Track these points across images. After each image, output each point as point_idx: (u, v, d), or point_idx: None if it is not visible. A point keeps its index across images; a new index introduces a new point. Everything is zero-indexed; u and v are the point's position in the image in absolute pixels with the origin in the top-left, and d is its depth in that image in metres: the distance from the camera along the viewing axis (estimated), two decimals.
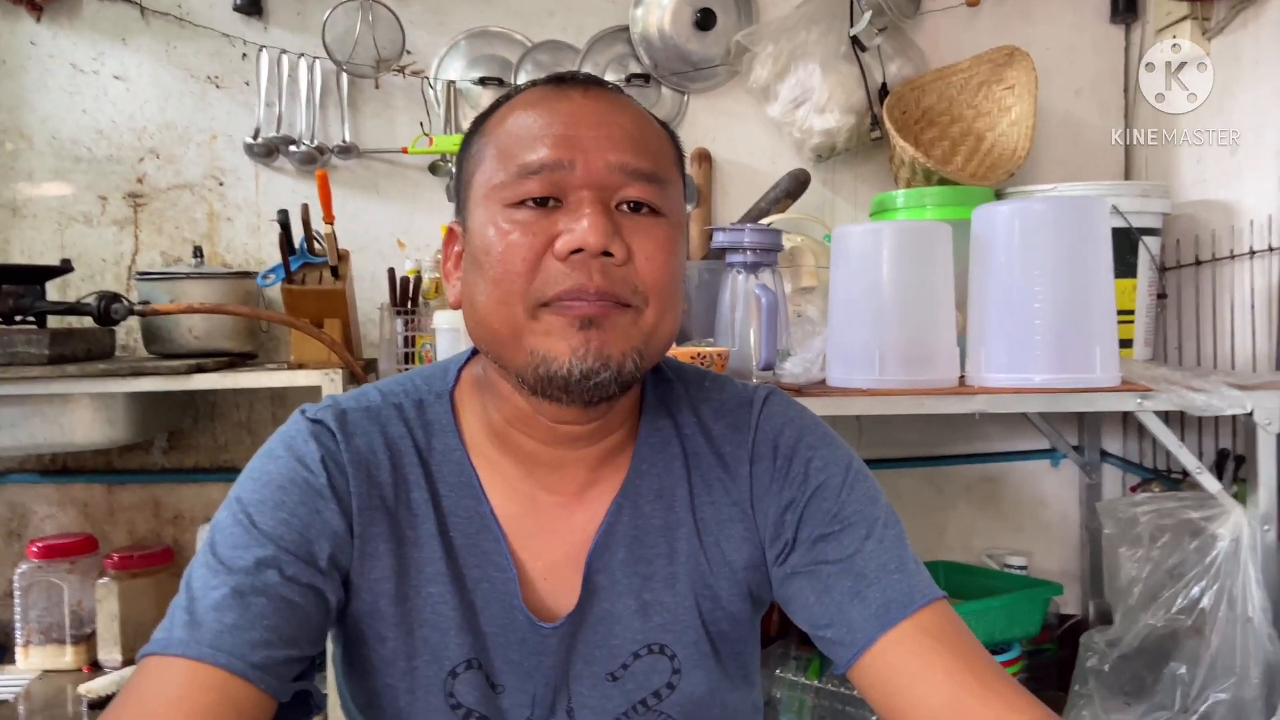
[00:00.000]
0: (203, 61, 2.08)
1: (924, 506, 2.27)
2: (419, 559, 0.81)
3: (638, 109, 0.82)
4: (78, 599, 1.90)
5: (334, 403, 0.85)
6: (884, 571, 0.80)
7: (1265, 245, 1.73)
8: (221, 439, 2.11)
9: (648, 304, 0.76)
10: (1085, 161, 2.22)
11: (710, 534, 0.85)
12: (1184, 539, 1.65)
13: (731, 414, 0.88)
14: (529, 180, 0.75)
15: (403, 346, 1.81)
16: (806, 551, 0.82)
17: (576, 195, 0.75)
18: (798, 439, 0.86)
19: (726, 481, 0.86)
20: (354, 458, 0.81)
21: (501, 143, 0.78)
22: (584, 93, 0.78)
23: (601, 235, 0.73)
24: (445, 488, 0.83)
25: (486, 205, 0.77)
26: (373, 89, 2.11)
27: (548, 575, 0.84)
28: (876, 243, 1.62)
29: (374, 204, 2.13)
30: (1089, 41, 2.21)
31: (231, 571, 0.73)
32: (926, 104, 2.12)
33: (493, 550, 0.82)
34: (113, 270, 2.08)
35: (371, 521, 0.80)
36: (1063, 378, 1.55)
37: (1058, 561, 2.28)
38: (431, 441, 0.84)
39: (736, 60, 2.14)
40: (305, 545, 0.76)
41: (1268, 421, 1.56)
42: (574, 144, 0.75)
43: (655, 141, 0.80)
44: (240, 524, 0.76)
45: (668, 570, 0.84)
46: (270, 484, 0.78)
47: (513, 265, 0.74)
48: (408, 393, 0.86)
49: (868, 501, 0.84)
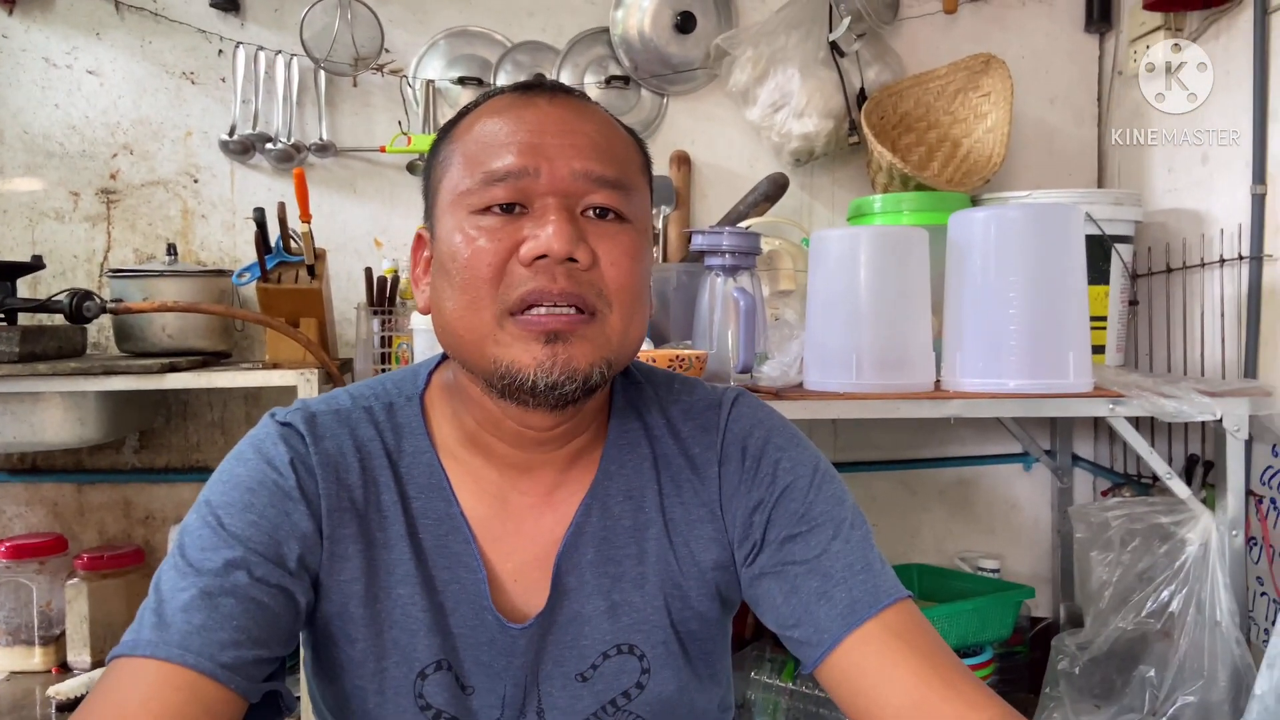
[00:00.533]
0: (178, 57, 2.06)
1: (898, 509, 2.28)
2: (388, 561, 0.82)
3: (604, 116, 0.82)
4: (47, 599, 1.88)
5: (303, 406, 0.85)
6: (850, 572, 0.80)
7: (1235, 254, 1.75)
8: (194, 439, 2.09)
9: (613, 309, 0.77)
10: (1060, 168, 2.24)
11: (679, 534, 0.86)
12: (1154, 543, 1.68)
13: (700, 415, 0.89)
14: (495, 187, 0.76)
15: (379, 346, 1.80)
16: (774, 552, 0.83)
17: (542, 202, 0.76)
18: (766, 440, 0.87)
19: (695, 483, 0.87)
20: (323, 460, 0.81)
21: (468, 150, 0.78)
22: (550, 100, 0.79)
23: (566, 241, 0.74)
24: (415, 490, 0.83)
25: (453, 212, 0.78)
26: (350, 87, 2.10)
27: (517, 576, 0.84)
28: (853, 247, 1.63)
29: (351, 203, 2.12)
30: (1064, 50, 2.24)
31: (200, 573, 0.73)
32: (904, 110, 2.13)
33: (462, 551, 0.83)
34: (84, 267, 2.06)
35: (341, 523, 0.80)
36: (1036, 383, 1.56)
37: (1030, 565, 2.30)
38: (401, 444, 0.85)
39: (716, 64, 2.15)
40: (274, 547, 0.77)
41: (1236, 428, 1.58)
42: (539, 151, 0.76)
43: (621, 148, 0.81)
44: (209, 526, 0.76)
45: (637, 571, 0.85)
46: (239, 486, 0.79)
47: (479, 271, 0.75)
48: (378, 396, 0.87)
49: (835, 502, 0.85)
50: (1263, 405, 1.61)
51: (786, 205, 2.10)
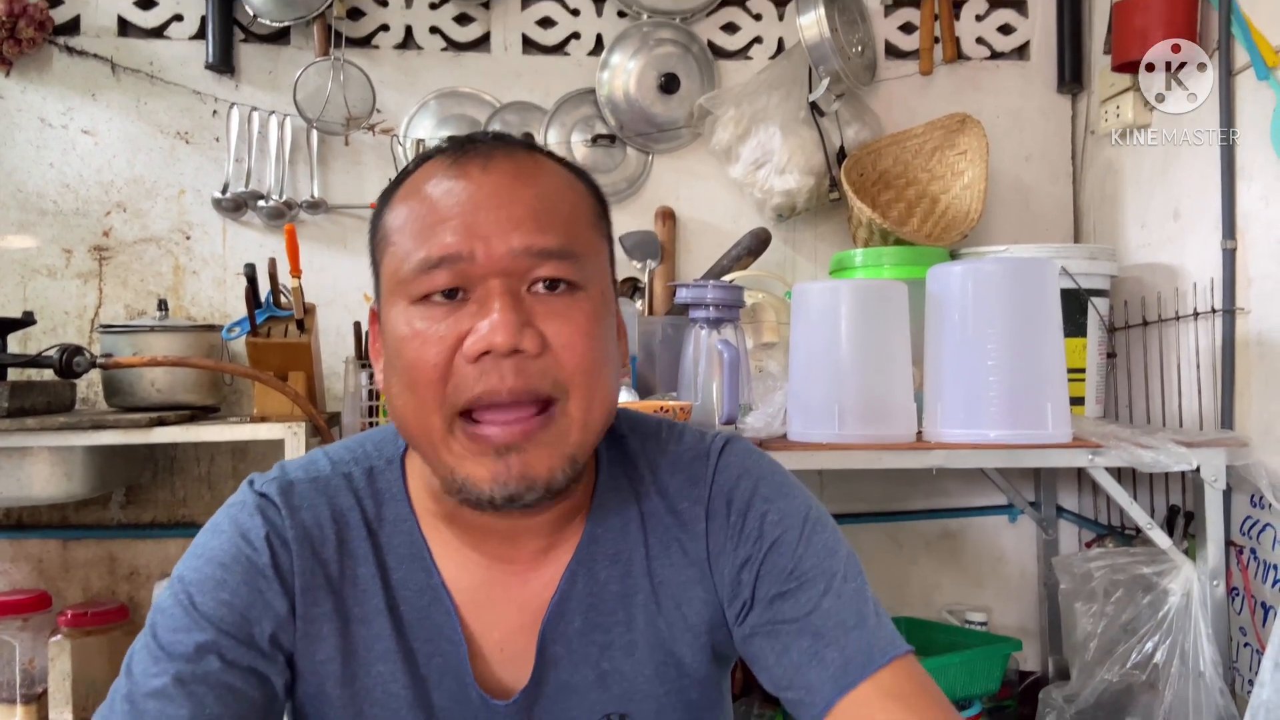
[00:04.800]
0: (173, 117, 2.10)
1: (885, 562, 2.28)
2: (367, 636, 0.80)
3: (546, 173, 0.77)
4: (29, 657, 1.86)
5: (282, 473, 0.83)
6: (842, 629, 0.77)
7: (1208, 307, 1.79)
8: (180, 493, 2.09)
9: (570, 395, 0.73)
10: (1036, 224, 2.29)
11: (669, 597, 0.83)
12: (1137, 594, 1.68)
13: (688, 467, 0.86)
14: (432, 274, 0.71)
15: (367, 400, 1.81)
16: (764, 610, 0.80)
17: (483, 286, 0.71)
18: (753, 492, 0.84)
19: (684, 540, 0.84)
20: (299, 534, 0.79)
21: (403, 228, 0.74)
22: (484, 167, 0.74)
23: (509, 333, 0.69)
24: (394, 560, 0.81)
25: (394, 300, 0.74)
26: (342, 146, 2.14)
27: (502, 647, 0.82)
28: (835, 300, 1.66)
29: (341, 258, 2.15)
30: (1037, 110, 2.30)
31: (171, 657, 0.72)
32: (883, 167, 2.18)
33: (444, 623, 0.80)
34: (75, 323, 2.07)
35: (315, 601, 0.78)
36: (1016, 434, 1.58)
37: (1017, 617, 2.30)
38: (381, 510, 0.82)
39: (699, 122, 2.20)
40: (246, 627, 0.75)
41: (1214, 478, 1.60)
42: (473, 230, 0.71)
43: (566, 209, 0.75)
44: (181, 605, 0.75)
45: (626, 638, 0.82)
46: (213, 561, 0.77)
47: (424, 372, 0.71)
48: (358, 460, 0.84)
49: (826, 554, 0.82)
50: (1239, 456, 1.63)
51: (770, 259, 2.14)
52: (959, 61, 2.27)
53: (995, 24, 2.28)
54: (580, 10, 2.20)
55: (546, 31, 2.21)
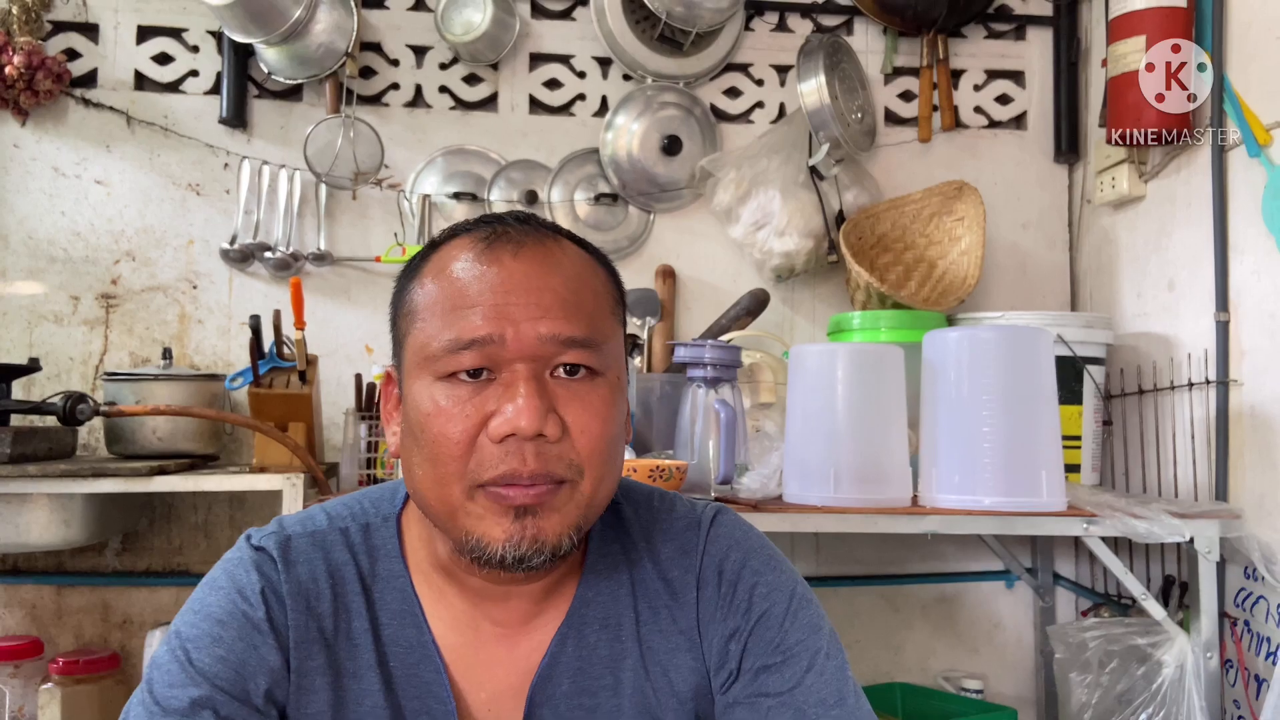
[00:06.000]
0: (185, 169, 2.14)
1: (881, 626, 2.27)
2: (357, 692, 0.81)
3: (572, 261, 0.79)
4: (20, 704, 1.85)
5: (279, 528, 0.84)
6: (824, 706, 0.80)
7: (1202, 378, 1.80)
8: (176, 541, 2.09)
9: (584, 476, 0.76)
10: (1033, 291, 2.31)
11: (657, 664, 0.84)
12: (1131, 665, 1.68)
13: (679, 536, 0.88)
14: (461, 355, 0.74)
15: (366, 452, 1.83)
16: (749, 683, 0.82)
17: (510, 369, 0.74)
18: (743, 564, 0.86)
19: (674, 608, 0.85)
20: (294, 589, 0.80)
21: (432, 306, 0.77)
22: (515, 254, 0.77)
23: (534, 418, 0.72)
24: (387, 616, 0.83)
25: (419, 374, 0.77)
26: (350, 200, 2.18)
27: (490, 707, 0.83)
28: (832, 363, 1.67)
29: (345, 310, 2.17)
30: (1034, 178, 2.33)
31: (167, 713, 0.73)
32: (881, 231, 2.21)
33: (433, 681, 0.82)
34: (80, 369, 2.09)
35: (309, 655, 0.80)
36: (1011, 501, 1.58)
37: (1013, 685, 2.28)
38: (376, 567, 0.84)
39: (701, 184, 2.24)
40: (240, 683, 0.76)
41: (1208, 550, 1.60)
42: (504, 315, 0.74)
43: (590, 299, 0.79)
44: (178, 661, 0.76)
45: (612, 703, 0.84)
46: (209, 617, 0.78)
47: (448, 449, 0.74)
48: (354, 516, 0.86)
49: (810, 630, 0.84)
50: (1233, 528, 1.63)
51: (768, 319, 2.16)
52: (957, 129, 2.31)
53: (993, 94, 2.33)
54: (586, 73, 2.26)
55: (553, 93, 2.25)
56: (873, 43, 2.32)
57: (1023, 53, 2.34)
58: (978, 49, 2.33)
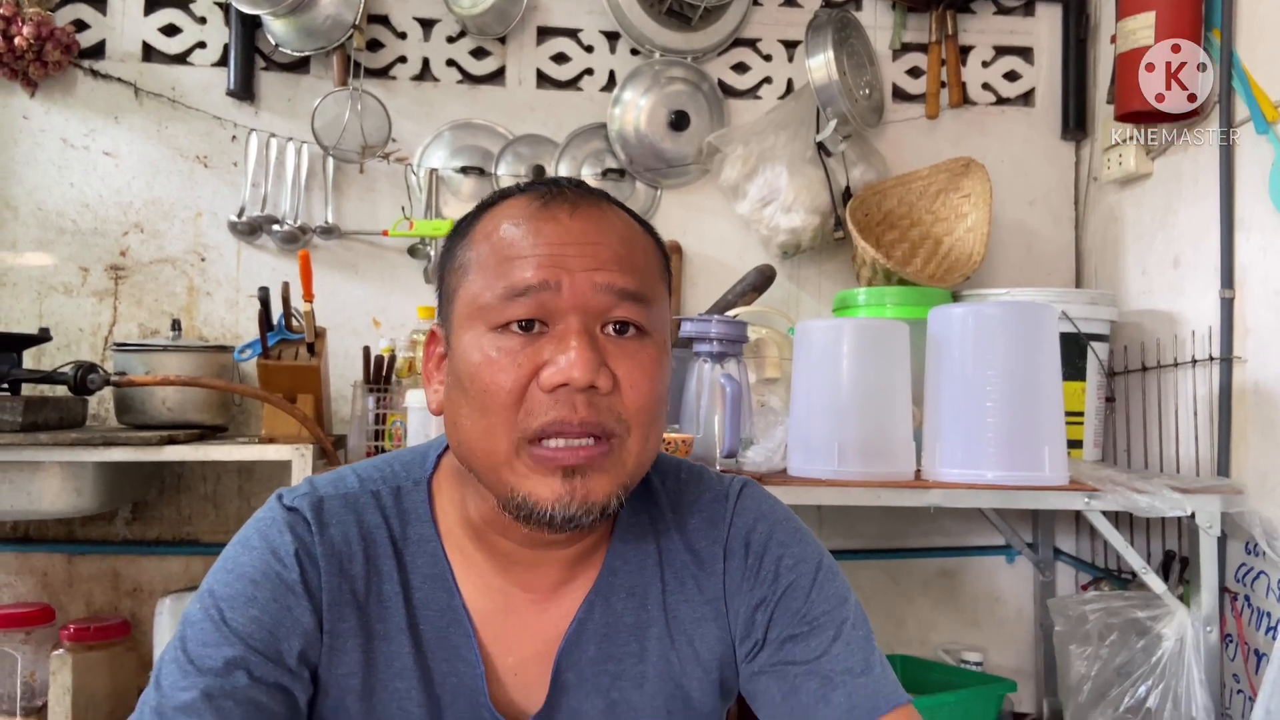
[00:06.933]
0: (193, 141, 2.14)
1: (883, 599, 2.29)
2: (387, 653, 0.81)
3: (625, 223, 0.81)
4: (31, 670, 1.88)
5: (311, 489, 0.84)
6: (849, 675, 0.81)
7: (1206, 355, 1.81)
8: (186, 511, 2.11)
9: (631, 432, 0.76)
10: (1038, 268, 2.32)
11: (682, 632, 0.85)
12: (1131, 638, 1.69)
13: (707, 508, 0.89)
14: (515, 303, 0.74)
15: (373, 424, 1.84)
16: (775, 651, 0.83)
17: (564, 321, 0.75)
18: (769, 536, 0.87)
19: (701, 578, 0.86)
20: (327, 550, 0.81)
21: (485, 259, 0.77)
22: (571, 213, 0.77)
23: (587, 369, 0.73)
24: (418, 579, 0.83)
25: (471, 325, 0.77)
26: (357, 173, 2.18)
27: (517, 671, 0.84)
28: (837, 338, 1.68)
29: (352, 283, 2.18)
30: (1041, 156, 2.33)
31: (201, 672, 0.74)
32: (887, 208, 2.21)
33: (462, 645, 0.82)
34: (90, 340, 2.10)
35: (341, 617, 0.80)
36: (1014, 475, 1.60)
37: (1013, 658, 2.30)
38: (407, 531, 0.84)
39: (708, 160, 2.24)
40: (274, 644, 0.77)
41: (1209, 525, 1.62)
42: (560, 264, 0.75)
43: (643, 257, 0.80)
44: (211, 619, 0.76)
45: (637, 669, 0.85)
46: (243, 577, 0.79)
47: (498, 397, 0.74)
48: (386, 479, 0.86)
49: (837, 601, 0.85)
50: (1234, 503, 1.64)
51: (774, 295, 2.17)
52: (965, 106, 2.31)
53: (1001, 70, 2.33)
54: (594, 47, 2.25)
55: (560, 67, 2.25)
56: (881, 18, 2.31)
57: (1031, 29, 2.33)
58: (986, 25, 2.32)
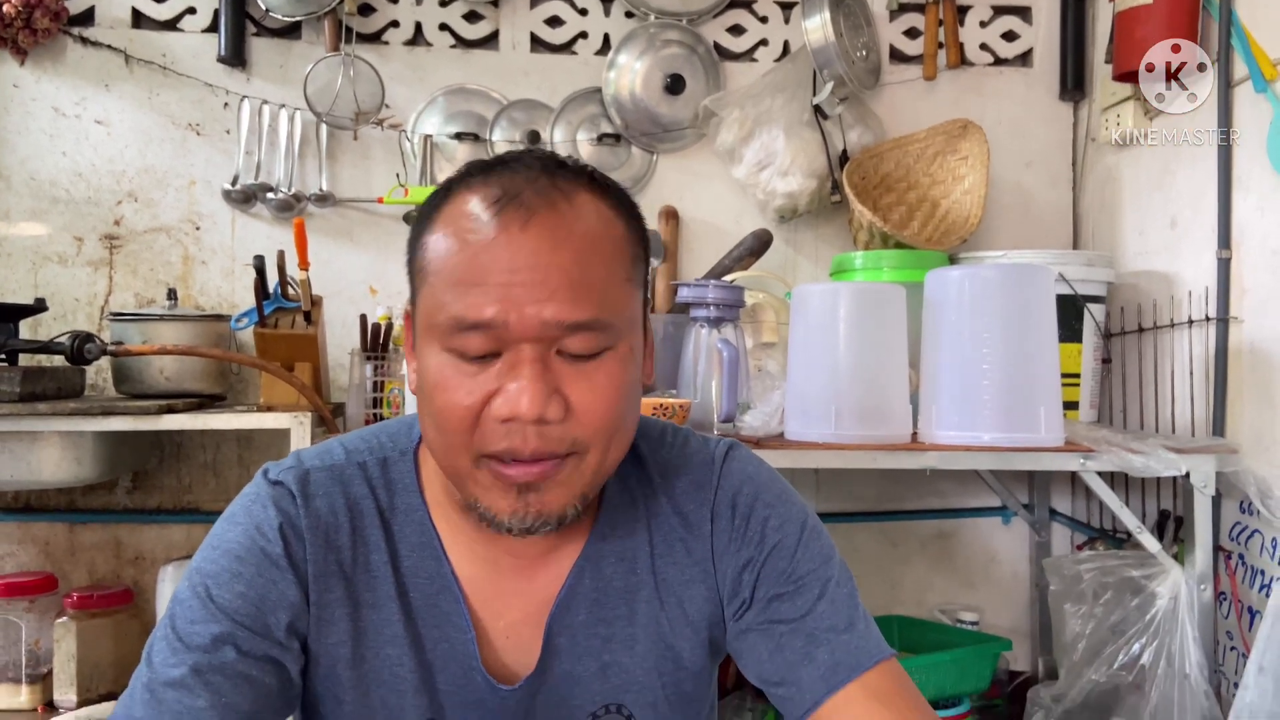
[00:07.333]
0: (185, 109, 2.13)
1: (880, 561, 2.31)
2: (377, 621, 0.82)
3: (585, 227, 0.76)
4: (35, 638, 1.89)
5: (297, 463, 0.85)
6: (834, 632, 0.82)
7: (1203, 315, 1.81)
8: (186, 480, 2.12)
9: (589, 450, 0.76)
10: (1035, 230, 2.31)
11: (671, 594, 0.87)
12: (1126, 596, 1.71)
13: (694, 472, 0.89)
14: (466, 336, 0.73)
15: (371, 391, 1.84)
16: (761, 610, 0.85)
17: (514, 350, 0.73)
18: (755, 497, 0.88)
19: (689, 540, 0.87)
20: (312, 523, 0.81)
21: (438, 276, 0.75)
22: (523, 226, 0.73)
23: (535, 404, 0.72)
24: (406, 548, 0.84)
25: (429, 338, 0.76)
26: (351, 140, 2.17)
27: (508, 635, 0.85)
28: (834, 302, 1.68)
29: (348, 251, 2.18)
30: (1039, 117, 2.32)
31: (190, 649, 0.75)
32: (885, 171, 2.21)
33: (452, 611, 0.83)
34: (85, 310, 2.10)
35: (327, 588, 0.81)
36: (1010, 437, 1.61)
37: (1009, 619, 2.33)
38: (394, 500, 0.85)
39: (704, 123, 2.22)
40: (261, 618, 0.78)
41: (1203, 484, 1.63)
42: (508, 298, 0.72)
43: (601, 271, 0.75)
44: (198, 597, 0.77)
45: (627, 632, 0.86)
46: (229, 554, 0.79)
47: (453, 421, 0.74)
48: (372, 450, 0.87)
49: (821, 560, 0.86)
50: (1229, 463, 1.65)
51: (771, 260, 2.17)
52: (962, 67, 2.29)
53: (999, 30, 2.31)
54: (588, 10, 2.23)
55: (554, 30, 2.23)
56: None
57: None
58: None
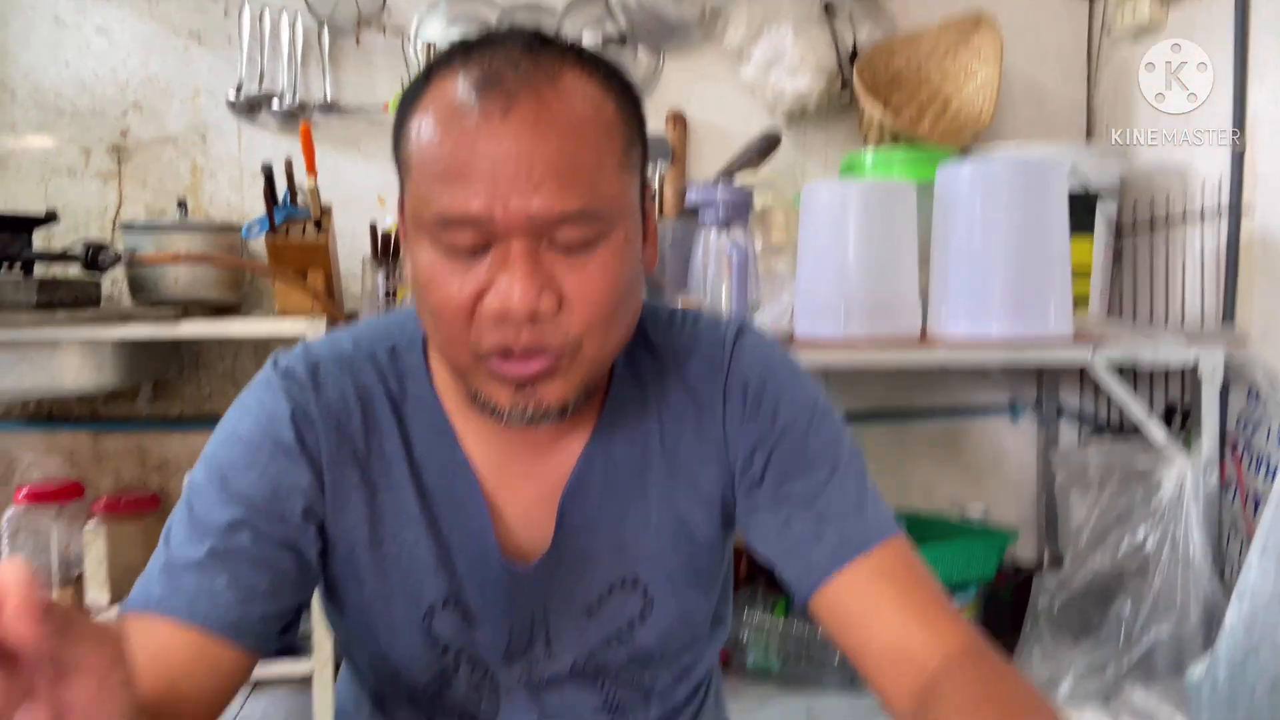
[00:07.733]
0: (185, 16, 2.10)
1: (889, 461, 2.34)
2: (393, 505, 0.83)
3: (571, 112, 0.72)
4: (65, 543, 1.95)
5: (306, 352, 0.85)
6: (843, 510, 0.83)
7: (1215, 206, 1.80)
8: (206, 389, 2.15)
9: (583, 344, 0.75)
10: (1049, 124, 2.28)
11: (683, 471, 0.87)
12: (1131, 485, 1.74)
13: (705, 353, 0.89)
14: (451, 231, 0.71)
15: (384, 299, 1.86)
16: (773, 488, 0.85)
17: (503, 244, 0.71)
18: (766, 378, 0.88)
19: (701, 419, 0.88)
20: (324, 410, 0.82)
21: (420, 167, 0.73)
22: (504, 115, 0.70)
23: (525, 299, 0.70)
24: (418, 434, 0.85)
25: (418, 233, 0.75)
26: (354, 47, 2.14)
27: (523, 516, 0.86)
28: (844, 201, 1.68)
29: (355, 161, 2.17)
30: (1053, 10, 2.27)
31: (207, 532, 0.76)
32: (895, 68, 2.17)
33: (467, 494, 0.84)
34: (97, 222, 2.11)
35: (342, 474, 0.82)
36: (1019, 329, 1.62)
37: (1015, 512, 2.36)
38: (405, 387, 0.85)
39: (711, 23, 2.18)
40: (277, 503, 0.78)
41: (1212, 371, 1.64)
42: (492, 191, 0.69)
43: (591, 157, 0.72)
44: (214, 483, 0.78)
45: (641, 509, 0.87)
46: (241, 441, 0.80)
47: (447, 316, 0.74)
48: (381, 339, 0.87)
49: (832, 441, 0.87)
50: (1238, 354, 1.66)
51: (780, 162, 2.15)
52: None
53: None
54: None
55: None
56: None
57: None
58: None
